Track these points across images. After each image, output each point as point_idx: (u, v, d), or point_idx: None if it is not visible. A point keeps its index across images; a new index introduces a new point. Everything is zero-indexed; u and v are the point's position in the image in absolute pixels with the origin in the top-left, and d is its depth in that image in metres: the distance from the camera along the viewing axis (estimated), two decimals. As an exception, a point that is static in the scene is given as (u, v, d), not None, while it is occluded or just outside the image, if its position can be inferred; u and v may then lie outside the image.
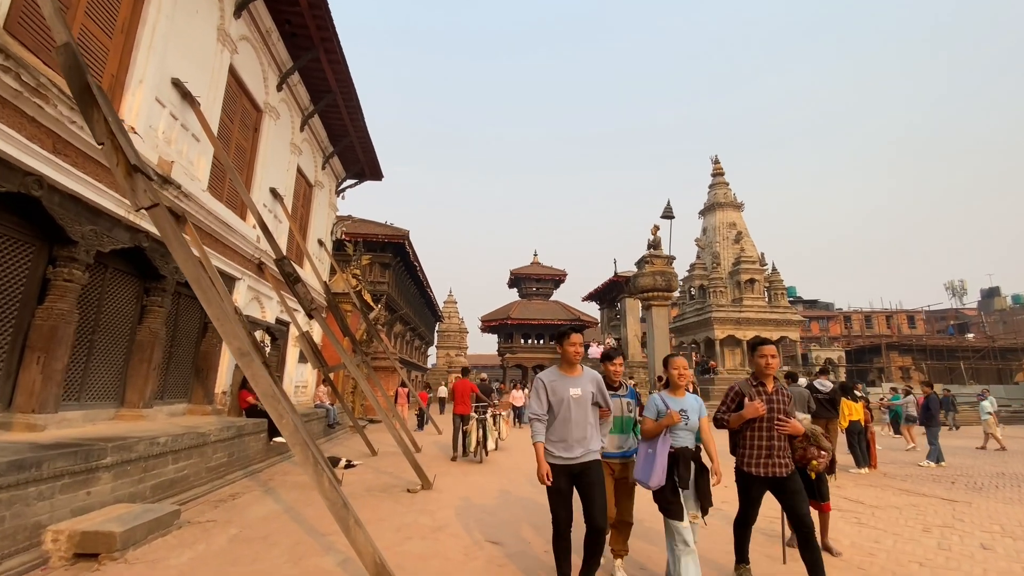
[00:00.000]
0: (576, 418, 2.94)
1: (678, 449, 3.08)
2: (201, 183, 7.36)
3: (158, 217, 3.15)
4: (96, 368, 5.97)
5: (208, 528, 4.39)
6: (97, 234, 5.47)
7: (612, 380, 3.51)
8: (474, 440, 8.72)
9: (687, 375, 3.25)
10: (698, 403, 3.26)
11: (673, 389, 3.28)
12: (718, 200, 29.19)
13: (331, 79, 11.10)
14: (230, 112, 8.48)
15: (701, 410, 3.24)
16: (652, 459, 3.00)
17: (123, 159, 3.07)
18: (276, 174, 10.42)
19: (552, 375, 3.09)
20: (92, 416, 5.82)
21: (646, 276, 18.53)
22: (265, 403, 3.01)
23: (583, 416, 2.96)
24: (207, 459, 5.89)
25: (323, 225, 14.18)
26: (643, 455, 3.12)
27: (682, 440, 3.11)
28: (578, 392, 3.00)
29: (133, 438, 4.67)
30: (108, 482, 4.32)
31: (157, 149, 6.30)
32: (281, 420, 2.96)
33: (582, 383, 3.05)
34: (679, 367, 3.24)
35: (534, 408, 3.02)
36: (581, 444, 2.92)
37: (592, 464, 2.95)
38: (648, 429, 3.13)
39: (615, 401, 3.41)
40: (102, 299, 6.03)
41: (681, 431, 3.12)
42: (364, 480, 6.74)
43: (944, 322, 51.82)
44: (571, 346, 3.07)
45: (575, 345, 3.07)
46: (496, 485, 6.62)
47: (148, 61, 6.13)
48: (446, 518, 4.85)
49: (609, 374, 3.51)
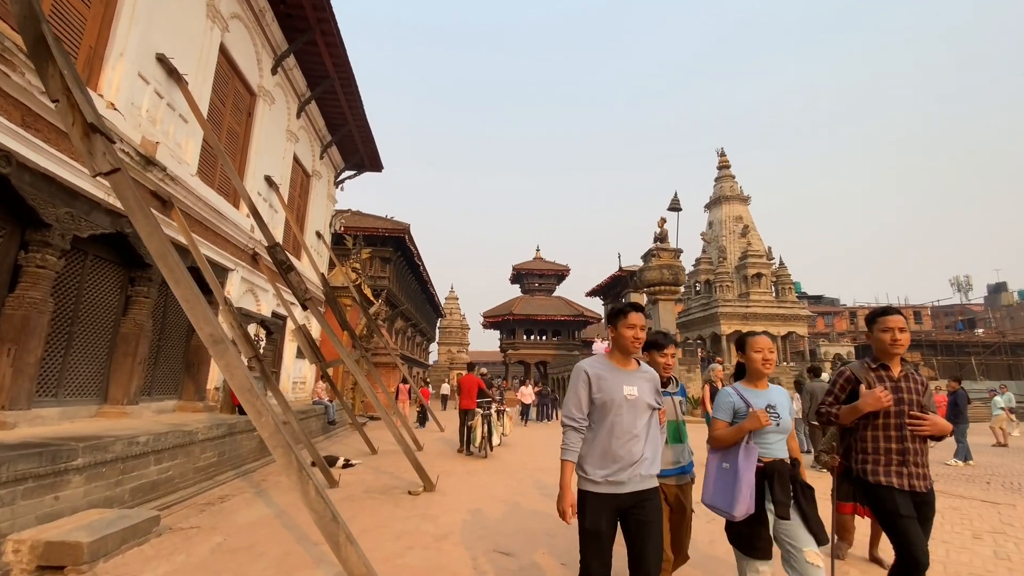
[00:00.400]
0: (630, 428, 2.09)
1: (769, 462, 2.26)
2: (190, 167, 6.96)
3: (119, 184, 2.75)
4: (76, 362, 5.58)
5: (190, 536, 4.00)
6: (74, 217, 5.07)
7: (662, 375, 2.68)
8: (479, 435, 8.74)
9: (772, 360, 2.41)
10: (787, 397, 2.44)
11: (753, 379, 2.46)
12: (724, 193, 28.74)
13: (328, 63, 10.67)
14: (221, 94, 8.07)
15: (791, 407, 2.44)
16: (731, 477, 2.21)
17: (80, 118, 2.67)
18: (271, 162, 10.01)
19: (599, 365, 2.20)
20: (71, 413, 5.45)
21: (653, 269, 18.11)
22: (241, 399, 2.61)
23: (639, 426, 2.12)
24: (194, 459, 5.51)
25: (321, 217, 13.77)
26: (714, 471, 2.35)
27: (773, 449, 2.30)
28: (634, 392, 2.13)
29: (109, 437, 4.28)
30: (79, 486, 3.93)
31: (140, 128, 5.90)
32: (260, 419, 2.55)
33: (639, 381, 2.19)
34: (763, 348, 2.40)
35: (571, 410, 2.15)
36: (635, 466, 2.07)
37: (649, 495, 2.10)
38: (723, 435, 2.33)
39: (667, 400, 2.59)
40: (81, 288, 5.64)
41: (770, 436, 2.30)
42: (363, 480, 6.36)
43: (950, 318, 51.27)
44: (629, 328, 2.18)
45: (635, 328, 2.19)
46: (503, 485, 6.23)
47: (130, 33, 5.71)
48: (450, 524, 4.45)
49: (658, 367, 2.68)
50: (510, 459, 8.65)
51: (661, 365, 2.70)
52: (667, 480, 2.56)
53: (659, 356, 2.72)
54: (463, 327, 48.24)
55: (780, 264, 26.94)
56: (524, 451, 9.82)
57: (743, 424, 2.26)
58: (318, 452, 6.14)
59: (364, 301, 14.86)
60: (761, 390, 2.42)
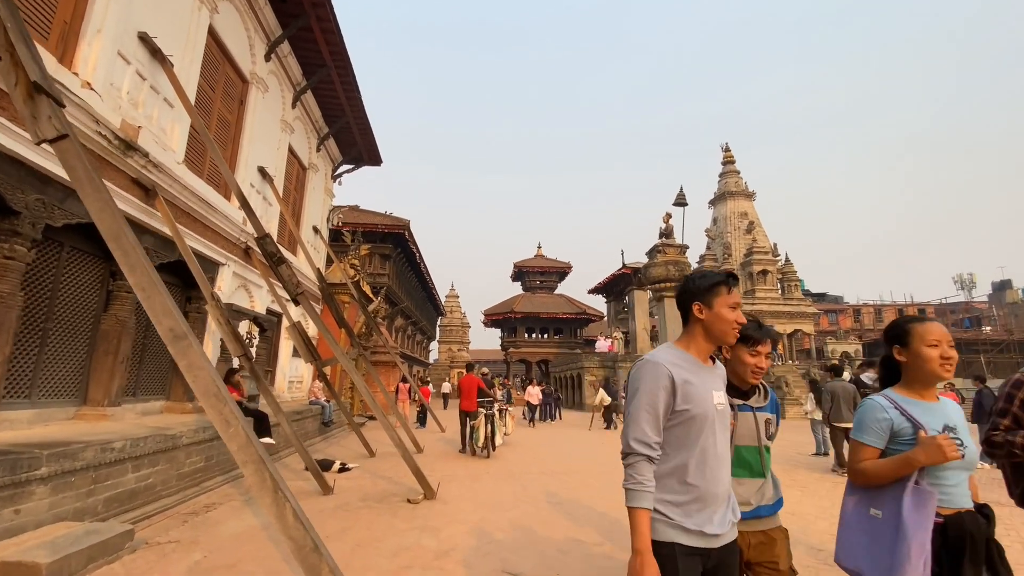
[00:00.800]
0: (722, 452, 1.53)
1: (952, 516, 1.54)
2: (176, 154, 6.57)
3: (66, 152, 2.37)
4: (51, 361, 5.22)
5: (166, 553, 3.63)
6: (46, 205, 4.69)
7: (748, 380, 1.86)
8: (482, 435, 8.62)
9: (954, 358, 1.66)
10: (961, 413, 1.71)
11: (919, 385, 1.69)
12: (729, 189, 28.33)
13: (324, 51, 10.28)
14: (211, 80, 7.68)
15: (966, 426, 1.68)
16: (889, 533, 1.51)
17: (23, 77, 2.29)
18: (265, 152, 9.62)
19: (681, 362, 1.54)
20: (46, 416, 5.08)
21: (658, 266, 17.72)
22: (205, 404, 2.24)
23: (725, 447, 1.56)
24: (178, 465, 5.14)
25: (318, 211, 13.40)
26: (856, 519, 1.64)
27: (954, 493, 1.56)
28: (722, 401, 1.56)
29: (79, 443, 3.90)
30: (44, 497, 3.57)
31: (120, 111, 5.52)
32: (228, 429, 2.18)
33: (719, 383, 1.61)
34: (940, 340, 1.64)
35: (643, 431, 1.46)
36: (727, 507, 1.52)
37: (734, 548, 1.56)
38: (876, 469, 1.60)
39: (744, 416, 1.83)
40: (57, 282, 5.27)
41: (951, 474, 1.56)
42: (360, 486, 6.00)
43: (955, 315, 50.86)
44: (731, 310, 1.56)
45: (737, 309, 1.58)
46: (509, 492, 5.86)
47: (108, 8, 5.32)
48: (453, 538, 4.08)
49: (746, 369, 1.83)
50: (514, 461, 8.30)
51: (750, 367, 1.82)
52: (745, 527, 1.73)
53: (748, 354, 1.82)
54: (464, 325, 47.90)
55: (786, 261, 26.54)
56: (528, 452, 9.47)
57: (913, 455, 1.51)
58: (311, 456, 5.77)
59: (363, 298, 14.49)
60: (930, 403, 1.66)
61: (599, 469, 7.48)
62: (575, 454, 9.28)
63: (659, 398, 1.46)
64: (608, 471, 7.30)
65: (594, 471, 7.28)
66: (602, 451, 9.66)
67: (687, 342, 1.60)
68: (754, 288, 25.55)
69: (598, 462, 8.21)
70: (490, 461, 8.30)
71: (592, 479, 6.70)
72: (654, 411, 1.47)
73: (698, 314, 1.58)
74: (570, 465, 7.82)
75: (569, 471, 7.26)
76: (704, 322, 1.57)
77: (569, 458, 8.66)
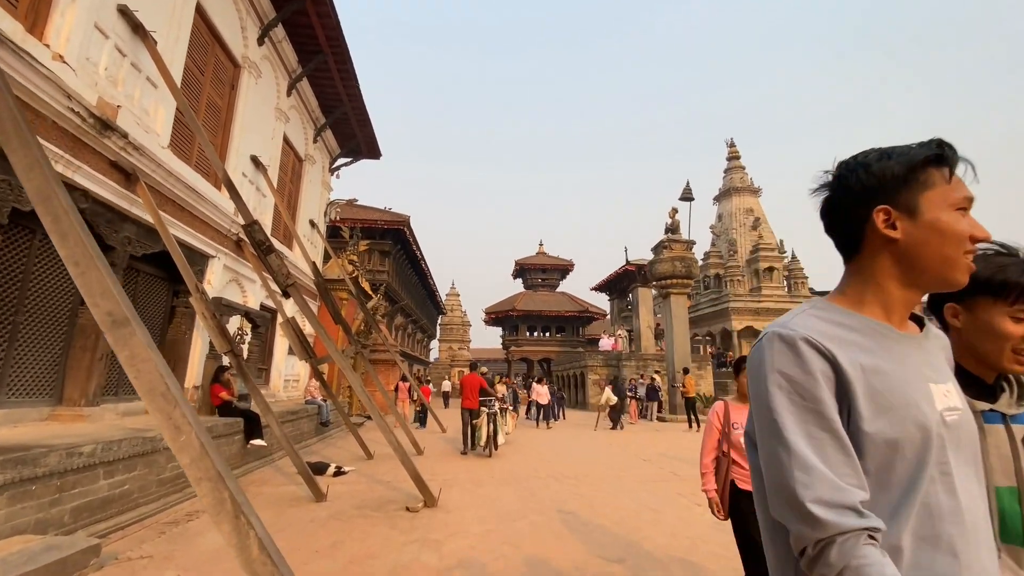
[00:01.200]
0: (974, 506, 0.74)
1: None
2: (160, 138, 6.18)
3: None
4: (22, 358, 4.84)
5: (136, 570, 3.25)
6: (12, 187, 4.30)
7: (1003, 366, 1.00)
8: (484, 435, 8.45)
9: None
10: None
11: None
12: (734, 185, 27.90)
13: (321, 36, 9.87)
14: (199, 61, 7.28)
15: None
16: None
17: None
18: (258, 141, 9.22)
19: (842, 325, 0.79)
20: (17, 417, 4.70)
21: (664, 262, 17.29)
22: (151, 406, 1.85)
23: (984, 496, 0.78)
24: (159, 470, 4.75)
25: (315, 205, 13.00)
26: None
27: None
28: (953, 401, 0.78)
29: (41, 448, 3.52)
30: (0, 507, 3.18)
31: (97, 88, 5.12)
32: (179, 438, 1.77)
33: (942, 362, 0.83)
34: None
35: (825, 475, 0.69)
36: None
37: None
38: None
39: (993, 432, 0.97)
40: (27, 273, 4.88)
41: None
42: (355, 492, 5.61)
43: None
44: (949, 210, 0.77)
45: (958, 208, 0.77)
46: (514, 498, 5.47)
47: (83, -23, 4.93)
48: (456, 552, 3.69)
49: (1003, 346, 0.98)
50: (519, 462, 7.90)
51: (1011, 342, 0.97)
52: None
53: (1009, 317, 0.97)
54: (464, 324, 47.48)
55: (792, 257, 26.06)
56: (533, 453, 9.07)
57: None
58: (302, 460, 5.38)
59: (361, 295, 14.09)
60: None
61: (611, 473, 7.07)
62: (583, 456, 8.88)
63: (824, 405, 0.73)
64: (619, 475, 6.91)
65: (607, 476, 6.85)
66: (610, 453, 9.26)
67: (858, 292, 0.83)
68: (760, 285, 25.11)
69: (608, 465, 7.82)
70: (493, 461, 7.96)
71: (605, 484, 6.30)
72: (829, 430, 0.72)
73: (887, 231, 0.78)
74: (579, 469, 7.42)
75: (578, 475, 6.86)
76: (901, 247, 0.78)
77: (577, 461, 8.26)
